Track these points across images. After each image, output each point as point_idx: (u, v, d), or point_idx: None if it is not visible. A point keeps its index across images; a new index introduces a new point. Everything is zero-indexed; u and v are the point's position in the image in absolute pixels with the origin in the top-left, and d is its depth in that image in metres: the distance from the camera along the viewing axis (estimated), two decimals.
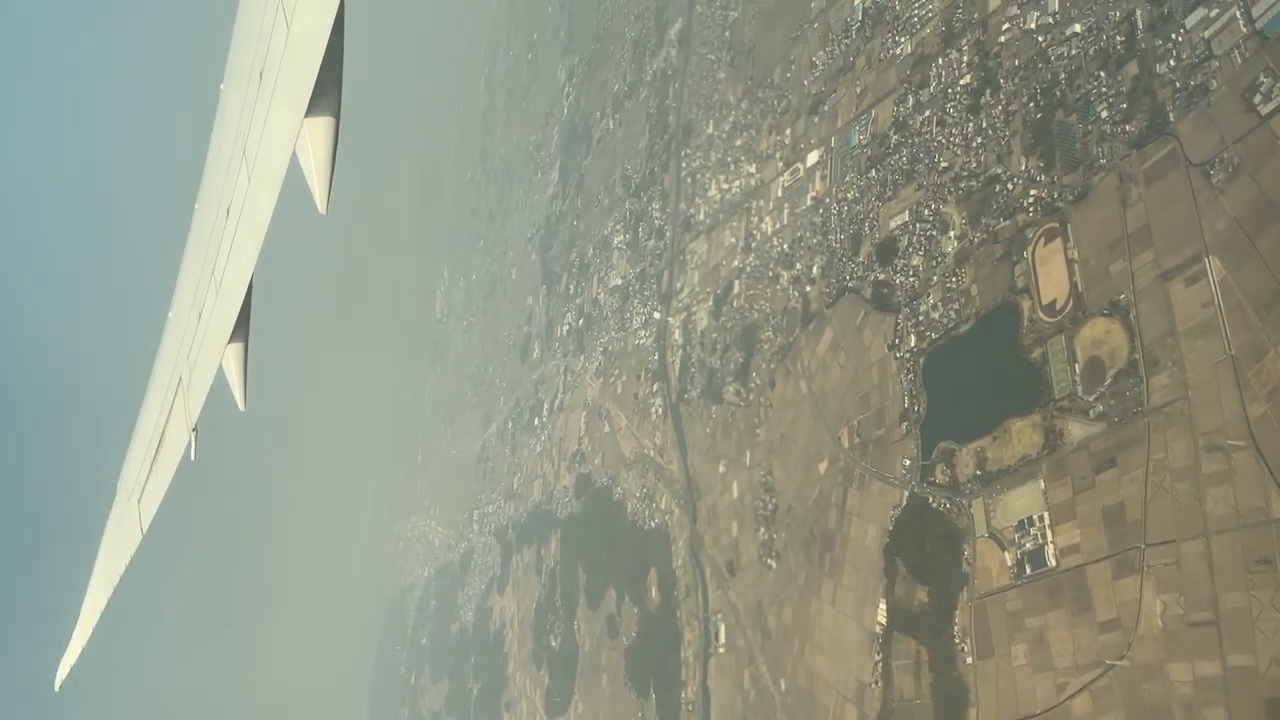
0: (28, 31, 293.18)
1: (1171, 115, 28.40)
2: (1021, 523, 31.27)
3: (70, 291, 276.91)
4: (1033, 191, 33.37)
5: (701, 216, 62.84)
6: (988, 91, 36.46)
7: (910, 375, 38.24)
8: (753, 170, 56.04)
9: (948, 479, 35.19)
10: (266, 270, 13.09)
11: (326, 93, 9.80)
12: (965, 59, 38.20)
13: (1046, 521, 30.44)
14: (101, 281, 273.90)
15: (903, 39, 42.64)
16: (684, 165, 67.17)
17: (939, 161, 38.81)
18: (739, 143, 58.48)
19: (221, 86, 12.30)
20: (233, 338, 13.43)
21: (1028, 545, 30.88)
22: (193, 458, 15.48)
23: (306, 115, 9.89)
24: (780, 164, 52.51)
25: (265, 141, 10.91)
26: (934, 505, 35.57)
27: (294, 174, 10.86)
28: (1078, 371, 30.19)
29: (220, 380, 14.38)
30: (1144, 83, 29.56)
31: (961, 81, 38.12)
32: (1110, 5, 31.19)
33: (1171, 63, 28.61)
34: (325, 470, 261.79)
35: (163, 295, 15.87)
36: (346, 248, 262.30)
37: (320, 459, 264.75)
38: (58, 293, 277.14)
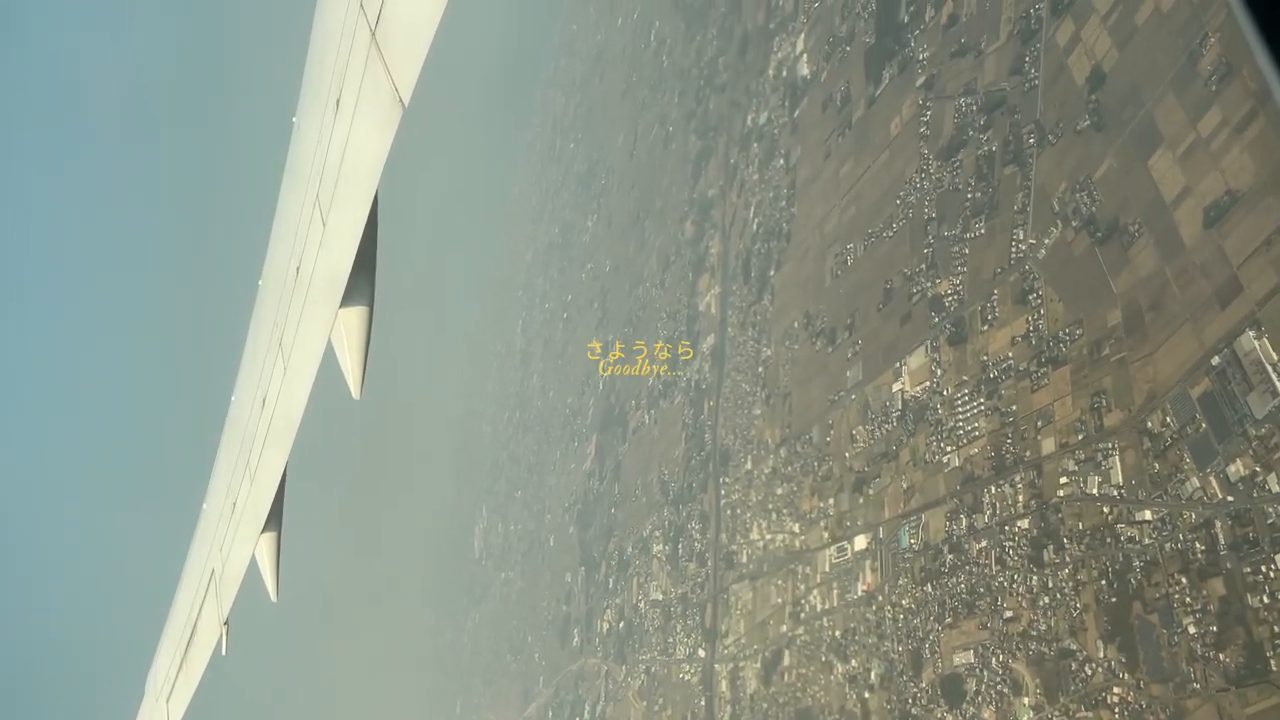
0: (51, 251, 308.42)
1: (1273, 663, 25.41)
2: None
3: (102, 489, 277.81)
4: (1116, 689, 30.14)
5: (744, 559, 60.06)
6: (1050, 547, 33.90)
7: None
8: (796, 530, 53.55)
9: None
10: (300, 462, 13.36)
11: (360, 283, 10.10)
12: (1021, 499, 35.92)
13: None
14: (137, 475, 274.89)
15: (949, 449, 40.72)
16: (723, 494, 65.04)
17: (1003, 606, 35.92)
18: (779, 492, 56.32)
19: (259, 282, 12.62)
20: (266, 527, 13.61)
21: None
22: (223, 652, 15.39)
23: (341, 306, 10.21)
24: (825, 535, 49.98)
25: (301, 333, 11.22)
26: None
27: (330, 369, 11.08)
28: None
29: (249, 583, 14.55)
30: (1234, 609, 26.77)
31: (1019, 524, 35.71)
32: (1184, 504, 28.89)
33: (1265, 599, 25.88)
34: (359, 696, 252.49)
35: (197, 488, 16.08)
36: (386, 456, 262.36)
37: (353, 679, 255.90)
38: (88, 492, 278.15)
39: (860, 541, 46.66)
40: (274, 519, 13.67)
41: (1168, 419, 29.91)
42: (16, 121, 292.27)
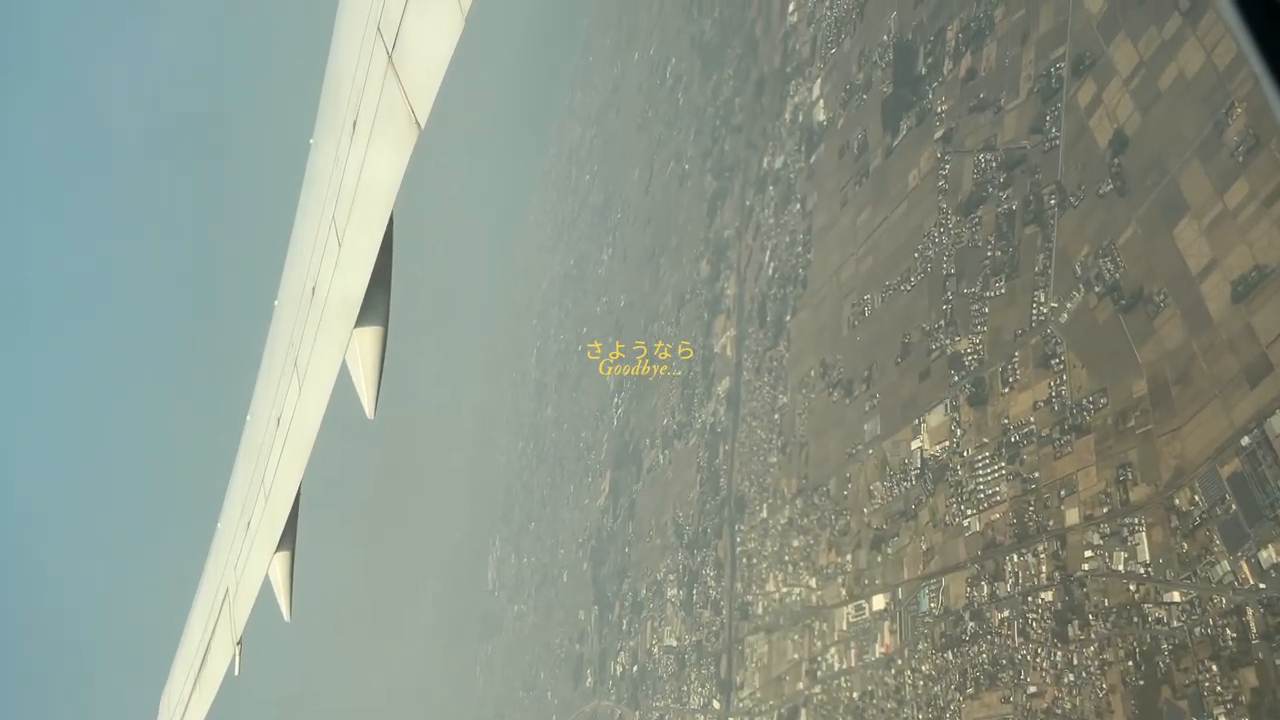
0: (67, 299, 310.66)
1: None
2: None
3: (118, 508, 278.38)
4: None
5: (760, 610, 59.17)
6: (1075, 623, 33.04)
7: None
8: (813, 584, 52.68)
9: None
10: (314, 481, 13.29)
11: (376, 304, 10.13)
12: (1044, 570, 35.06)
13: None
14: (153, 494, 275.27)
15: (970, 512, 39.92)
16: (739, 541, 64.22)
17: (1026, 680, 35.03)
18: (796, 544, 55.49)
19: (275, 302, 12.68)
20: (280, 546, 13.58)
21: None
22: (236, 673, 15.32)
23: (356, 326, 10.24)
24: (843, 592, 49.13)
25: (316, 352, 11.31)
26: None
27: (345, 389, 11.17)
28: None
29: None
30: (1268, 702, 25.88)
31: (1043, 596, 34.85)
32: (1214, 588, 28.03)
33: None
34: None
35: (212, 507, 16.16)
36: (399, 477, 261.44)
37: (365, 703, 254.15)
38: (105, 510, 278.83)
39: (878, 601, 45.80)
40: (288, 538, 13.66)
41: (1196, 498, 29.11)
42: (37, 140, 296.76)
